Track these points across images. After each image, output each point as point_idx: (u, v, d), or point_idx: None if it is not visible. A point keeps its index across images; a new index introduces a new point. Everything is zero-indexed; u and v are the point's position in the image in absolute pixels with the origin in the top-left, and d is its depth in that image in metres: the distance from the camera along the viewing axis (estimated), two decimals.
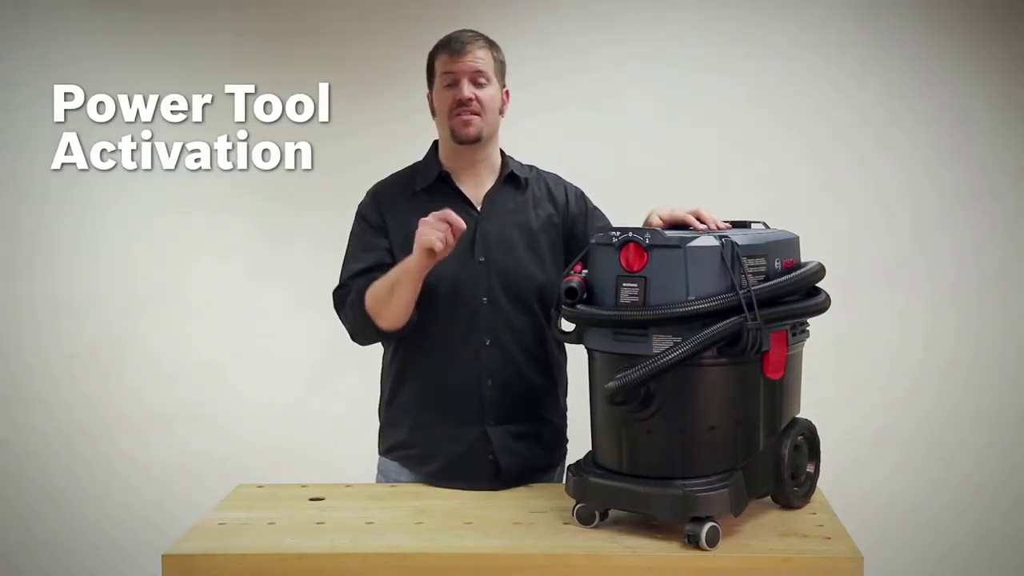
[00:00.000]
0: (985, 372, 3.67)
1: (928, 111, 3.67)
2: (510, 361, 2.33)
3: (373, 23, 3.73)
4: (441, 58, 2.33)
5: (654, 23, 3.69)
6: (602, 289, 1.94)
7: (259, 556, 1.88)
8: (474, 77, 2.30)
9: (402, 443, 2.39)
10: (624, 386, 1.83)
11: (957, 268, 3.67)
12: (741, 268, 1.86)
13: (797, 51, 3.68)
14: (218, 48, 3.74)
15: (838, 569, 1.80)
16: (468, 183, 2.38)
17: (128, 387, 3.76)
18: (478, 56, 2.31)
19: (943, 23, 3.66)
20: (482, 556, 1.86)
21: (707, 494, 1.85)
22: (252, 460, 3.56)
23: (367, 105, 3.70)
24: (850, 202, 3.68)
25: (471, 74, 2.30)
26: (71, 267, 3.77)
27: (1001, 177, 3.66)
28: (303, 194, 3.71)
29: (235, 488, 2.29)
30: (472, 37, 2.33)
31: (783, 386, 1.99)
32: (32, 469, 3.76)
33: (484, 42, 2.34)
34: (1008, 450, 3.66)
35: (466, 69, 2.30)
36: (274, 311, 3.75)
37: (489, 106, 2.32)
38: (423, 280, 2.25)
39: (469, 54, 2.30)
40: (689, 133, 3.68)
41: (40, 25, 3.70)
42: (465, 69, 2.30)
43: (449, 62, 2.31)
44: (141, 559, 3.45)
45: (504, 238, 2.34)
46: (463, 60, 2.30)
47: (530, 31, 3.69)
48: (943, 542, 3.65)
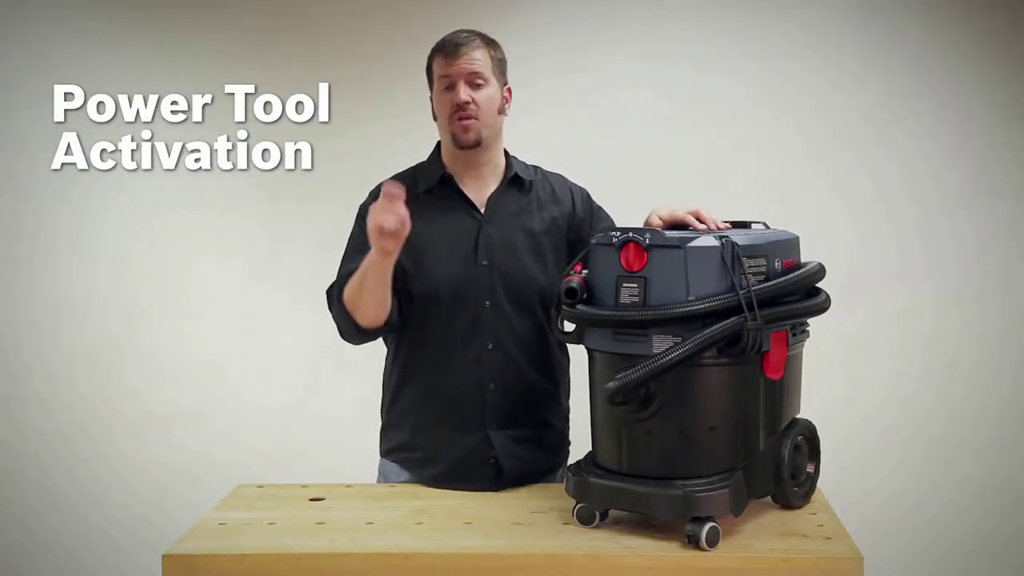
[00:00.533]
0: (986, 372, 3.67)
1: (929, 111, 3.67)
2: (512, 365, 2.32)
3: (373, 23, 3.73)
4: (437, 61, 2.31)
5: (655, 23, 3.69)
6: (602, 289, 1.94)
7: (259, 556, 1.88)
8: (471, 79, 2.27)
9: (403, 446, 2.39)
10: (624, 386, 1.83)
11: (958, 268, 3.67)
12: (741, 268, 1.86)
13: (797, 51, 3.68)
14: (218, 48, 3.74)
15: (838, 569, 1.80)
16: (471, 185, 2.36)
17: (128, 387, 3.76)
18: (474, 57, 2.27)
19: (943, 23, 3.65)
20: (482, 556, 1.86)
21: (707, 494, 1.85)
22: (252, 460, 3.56)
23: (367, 105, 3.70)
24: (851, 202, 3.68)
25: (467, 76, 2.27)
26: (71, 267, 3.77)
27: (1002, 177, 3.66)
28: (303, 194, 3.71)
29: (235, 488, 2.28)
30: (467, 38, 2.29)
31: (783, 386, 1.99)
32: (32, 469, 3.75)
33: (480, 41, 2.30)
34: (1009, 450, 3.66)
35: (462, 72, 2.27)
36: (274, 311, 3.75)
37: (487, 108, 2.29)
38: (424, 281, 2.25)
39: (464, 56, 2.27)
40: (689, 133, 3.68)
41: (40, 25, 3.70)
42: (461, 72, 2.27)
43: (445, 65, 2.28)
44: (141, 559, 3.45)
45: (507, 241, 2.33)
46: (458, 63, 2.27)
47: (530, 30, 3.69)
48: (943, 542, 3.65)
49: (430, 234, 2.31)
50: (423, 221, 2.29)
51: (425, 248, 2.30)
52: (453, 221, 2.33)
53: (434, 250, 2.31)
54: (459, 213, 2.34)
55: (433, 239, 2.31)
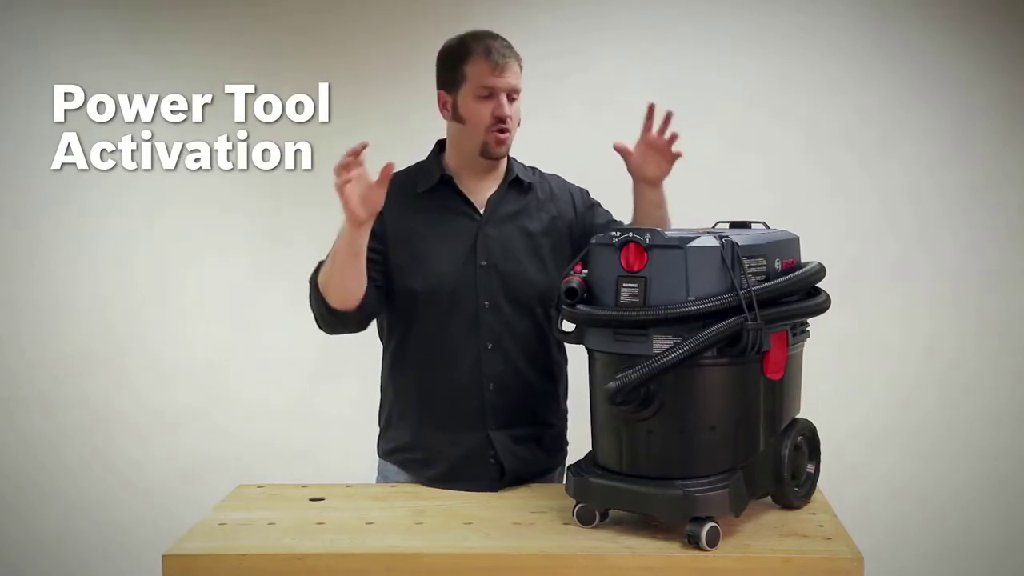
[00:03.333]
0: (986, 372, 3.67)
1: (929, 111, 3.67)
2: (511, 365, 2.32)
3: (373, 23, 3.73)
4: (480, 67, 2.26)
5: (656, 23, 3.69)
6: (602, 289, 1.94)
7: (259, 556, 1.88)
8: (511, 94, 2.27)
9: (403, 447, 2.39)
10: (624, 386, 1.83)
11: (958, 268, 3.67)
12: (741, 268, 1.86)
13: (798, 52, 3.68)
14: (218, 48, 3.74)
15: (838, 569, 1.80)
16: (471, 186, 2.36)
17: (128, 387, 3.76)
18: (516, 71, 2.27)
19: (944, 23, 3.65)
20: (482, 556, 1.86)
21: (707, 494, 1.85)
22: (252, 460, 3.56)
23: (367, 105, 3.69)
24: (851, 202, 3.68)
25: (510, 91, 2.27)
26: (71, 267, 3.76)
27: (1002, 176, 3.66)
28: (303, 194, 3.70)
29: (235, 488, 2.29)
30: (509, 50, 2.27)
31: (783, 386, 1.99)
32: (32, 469, 3.75)
33: (516, 55, 2.29)
34: (1009, 450, 3.66)
35: (507, 86, 2.26)
36: (274, 311, 3.75)
37: (517, 121, 2.31)
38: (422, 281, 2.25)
39: (509, 69, 2.26)
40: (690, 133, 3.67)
41: (40, 25, 3.70)
42: (507, 86, 2.26)
43: (489, 75, 2.25)
44: (141, 559, 3.44)
45: (506, 242, 2.33)
46: (505, 76, 2.25)
47: (531, 30, 3.68)
48: (943, 542, 3.65)
49: (429, 234, 2.31)
50: (421, 221, 2.30)
51: (423, 248, 2.31)
52: (452, 222, 2.33)
53: (433, 250, 2.31)
54: (458, 214, 2.34)
55: (432, 239, 2.31)
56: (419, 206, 2.32)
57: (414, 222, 2.30)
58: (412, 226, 2.31)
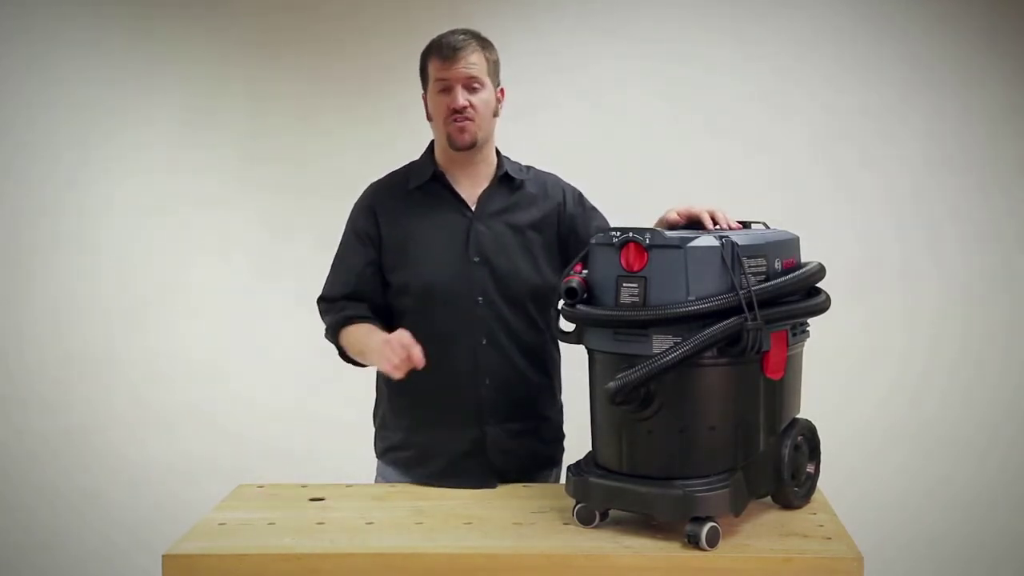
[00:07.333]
0: (990, 372, 3.66)
1: (933, 110, 3.66)
2: (507, 359, 2.34)
3: (372, 23, 3.73)
4: (433, 63, 2.30)
5: (656, 21, 3.69)
6: (602, 289, 1.94)
7: (259, 556, 1.88)
8: (468, 83, 2.27)
9: (400, 444, 2.39)
10: (624, 386, 1.83)
11: (963, 267, 3.66)
12: (741, 268, 1.86)
13: (800, 51, 3.68)
14: (218, 48, 3.73)
15: (838, 569, 1.80)
16: (463, 183, 2.37)
17: (128, 387, 3.76)
18: (471, 62, 2.27)
19: (946, 23, 3.65)
20: (482, 556, 1.86)
21: (707, 494, 1.85)
22: (252, 460, 3.56)
23: (367, 105, 3.70)
24: (854, 202, 3.68)
25: (464, 80, 2.27)
26: (71, 267, 3.76)
27: (1007, 175, 3.66)
28: (303, 194, 3.71)
29: (235, 488, 2.29)
30: (464, 40, 2.28)
31: (783, 386, 1.99)
32: (32, 469, 3.75)
33: (476, 44, 2.29)
34: (1011, 450, 3.66)
35: (459, 76, 2.27)
36: (274, 311, 3.75)
37: (483, 111, 2.30)
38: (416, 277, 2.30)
39: (462, 60, 2.26)
40: (690, 133, 3.68)
41: (40, 25, 3.70)
42: (458, 76, 2.27)
43: (442, 68, 2.27)
44: (141, 559, 3.44)
45: (497, 238, 2.34)
46: (456, 67, 2.26)
47: (530, 29, 3.69)
48: (944, 542, 3.65)
49: (420, 230, 2.33)
50: (413, 217, 2.31)
51: (415, 244, 2.33)
52: (443, 217, 2.34)
53: (424, 246, 2.32)
54: (449, 210, 2.35)
55: (423, 235, 2.33)
56: (412, 202, 2.34)
57: (407, 219, 2.32)
58: (405, 223, 2.32)
